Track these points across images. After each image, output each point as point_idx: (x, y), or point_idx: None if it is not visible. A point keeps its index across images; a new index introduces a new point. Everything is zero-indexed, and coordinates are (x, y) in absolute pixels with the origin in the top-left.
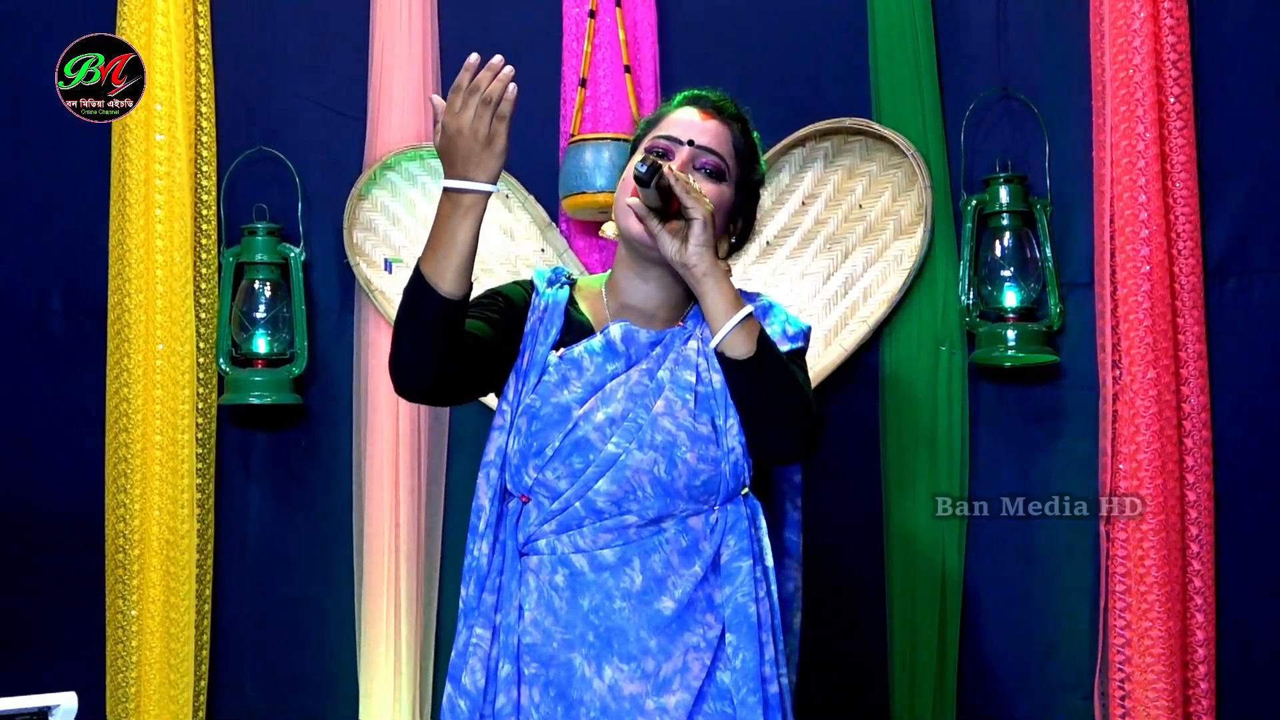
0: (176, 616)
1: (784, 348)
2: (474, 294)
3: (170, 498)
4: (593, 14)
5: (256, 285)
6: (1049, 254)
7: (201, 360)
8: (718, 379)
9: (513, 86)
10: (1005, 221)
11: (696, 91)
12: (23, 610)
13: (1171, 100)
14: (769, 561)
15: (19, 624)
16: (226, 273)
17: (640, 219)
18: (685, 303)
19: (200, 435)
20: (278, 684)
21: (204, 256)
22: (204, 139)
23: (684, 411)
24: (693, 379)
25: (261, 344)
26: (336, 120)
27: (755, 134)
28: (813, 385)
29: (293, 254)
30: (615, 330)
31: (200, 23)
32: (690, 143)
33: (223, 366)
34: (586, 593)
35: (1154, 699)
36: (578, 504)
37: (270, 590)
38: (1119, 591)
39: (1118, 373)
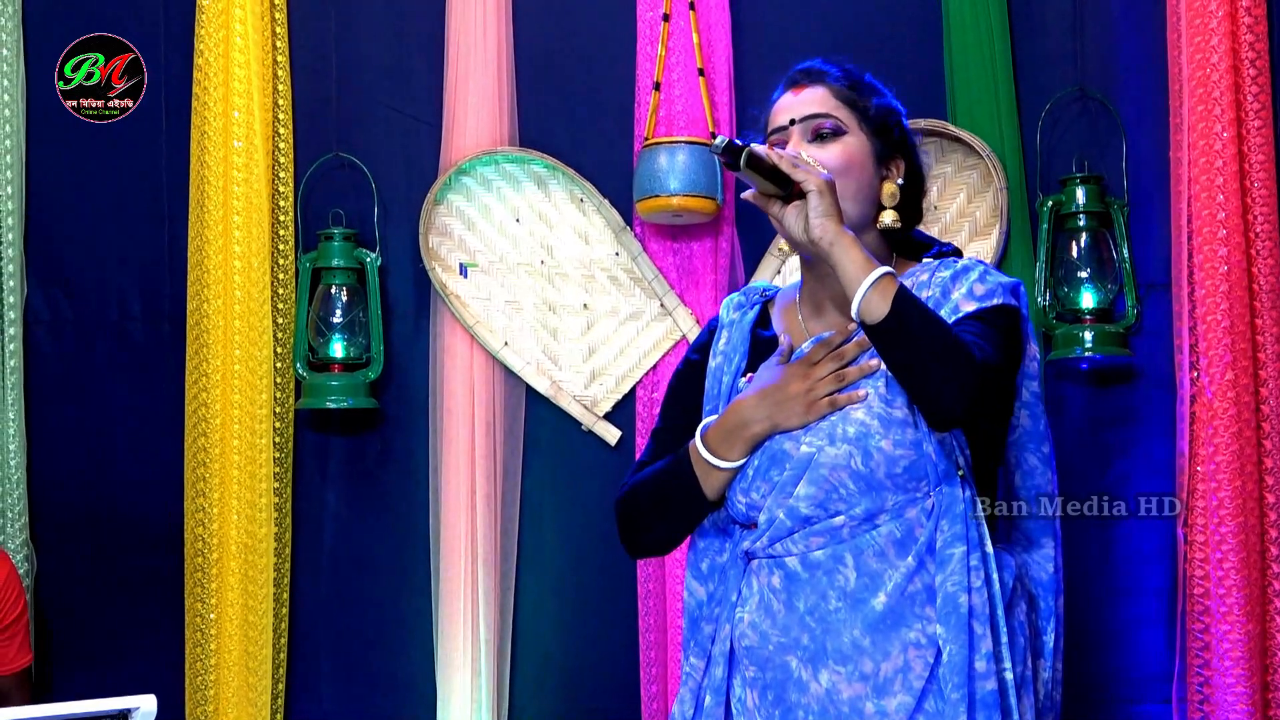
0: (255, 619)
1: (970, 307)
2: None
3: (248, 501)
4: (666, 17)
5: (333, 290)
6: (1126, 255)
7: (279, 365)
8: None
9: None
10: (1082, 222)
11: (787, 74)
12: (103, 613)
13: (1250, 99)
14: (990, 548)
15: (100, 626)
16: (303, 278)
17: (763, 209)
18: None
19: (278, 439)
20: (355, 687)
21: (281, 262)
22: (281, 145)
23: (875, 398)
24: (881, 363)
25: (338, 348)
26: (412, 126)
27: (861, 78)
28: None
29: (369, 259)
30: (806, 347)
31: (278, 30)
32: (792, 122)
33: (300, 371)
34: (802, 594)
35: (1233, 703)
36: (781, 514)
37: (347, 593)
38: (1197, 594)
39: (1195, 374)
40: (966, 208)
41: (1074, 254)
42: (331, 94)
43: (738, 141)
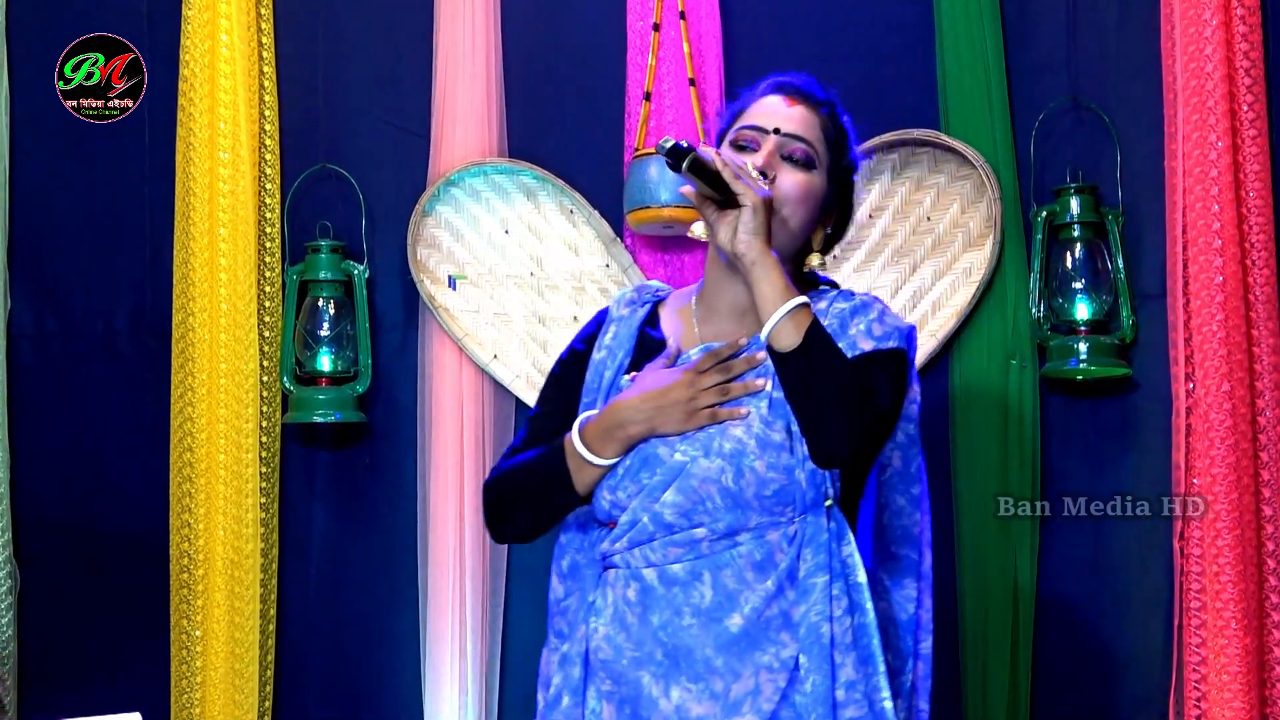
0: (241, 636)
1: (867, 346)
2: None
3: (234, 517)
4: (657, 27)
5: (320, 303)
6: (1121, 265)
7: (265, 379)
8: None
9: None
10: (1076, 233)
11: (782, 77)
12: (88, 630)
13: (1244, 108)
14: (859, 579)
15: (85, 644)
16: (290, 290)
17: (696, 208)
18: None
19: (264, 454)
20: (343, 704)
21: (268, 274)
22: (268, 156)
23: (755, 418)
24: (768, 384)
25: (325, 362)
26: (400, 136)
27: (845, 117)
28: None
29: (356, 271)
30: (695, 353)
31: (264, 40)
32: (776, 131)
33: (286, 385)
34: (656, 608)
35: (1230, 718)
36: (645, 518)
37: (335, 610)
38: (1194, 608)
39: (1191, 385)
40: (960, 218)
41: (1068, 265)
42: (319, 105)
43: (683, 144)
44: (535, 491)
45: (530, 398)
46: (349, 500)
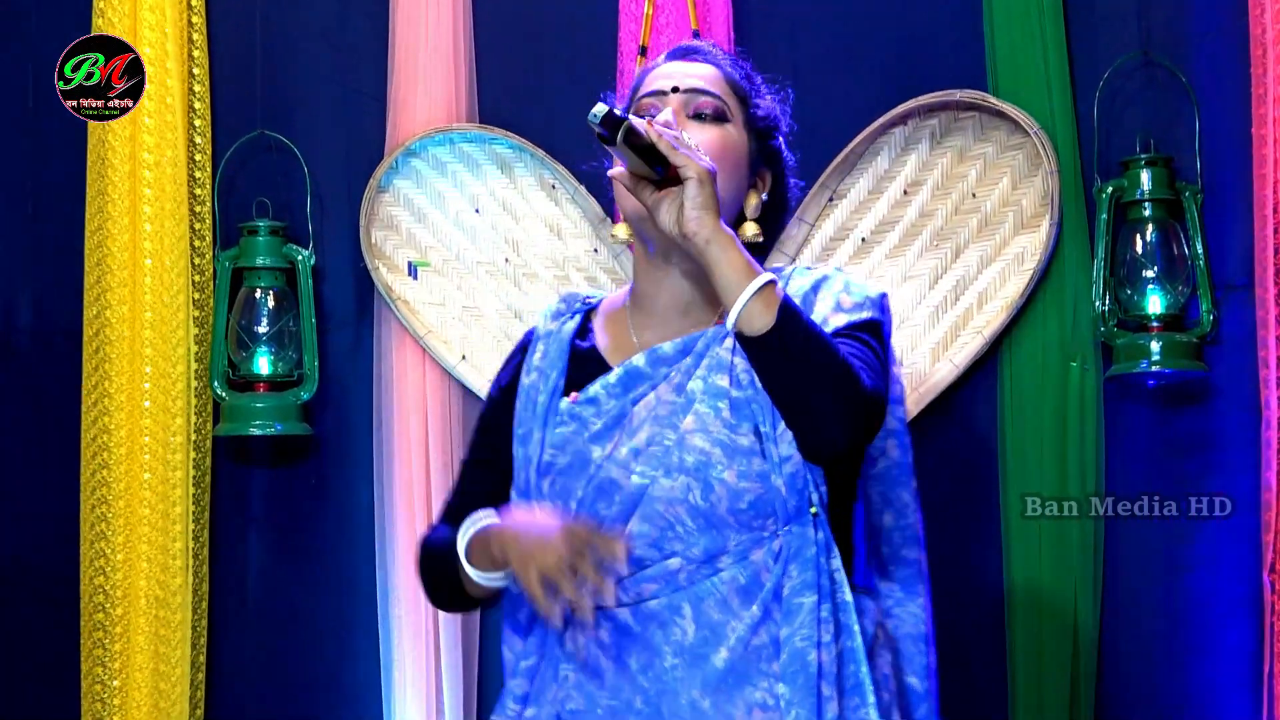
0: (167, 688)
1: (839, 321)
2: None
3: (160, 547)
4: None
5: (258, 294)
6: (1200, 250)
7: (195, 384)
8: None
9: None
10: (1147, 212)
11: (679, 45)
12: None
13: None
14: (845, 597)
15: None
16: (222, 280)
17: (630, 191)
18: None
19: (195, 473)
20: None
21: (196, 261)
22: (197, 123)
23: (717, 423)
24: (726, 383)
25: (264, 364)
26: (352, 100)
27: (753, 75)
28: (909, 393)
29: (300, 257)
30: (639, 359)
31: None
32: (675, 89)
33: (218, 391)
34: (634, 650)
35: None
36: None
37: (277, 656)
38: None
39: None
40: (1011, 195)
41: (1139, 250)
42: (256, 61)
43: (616, 110)
44: (453, 582)
45: None
46: (293, 527)
